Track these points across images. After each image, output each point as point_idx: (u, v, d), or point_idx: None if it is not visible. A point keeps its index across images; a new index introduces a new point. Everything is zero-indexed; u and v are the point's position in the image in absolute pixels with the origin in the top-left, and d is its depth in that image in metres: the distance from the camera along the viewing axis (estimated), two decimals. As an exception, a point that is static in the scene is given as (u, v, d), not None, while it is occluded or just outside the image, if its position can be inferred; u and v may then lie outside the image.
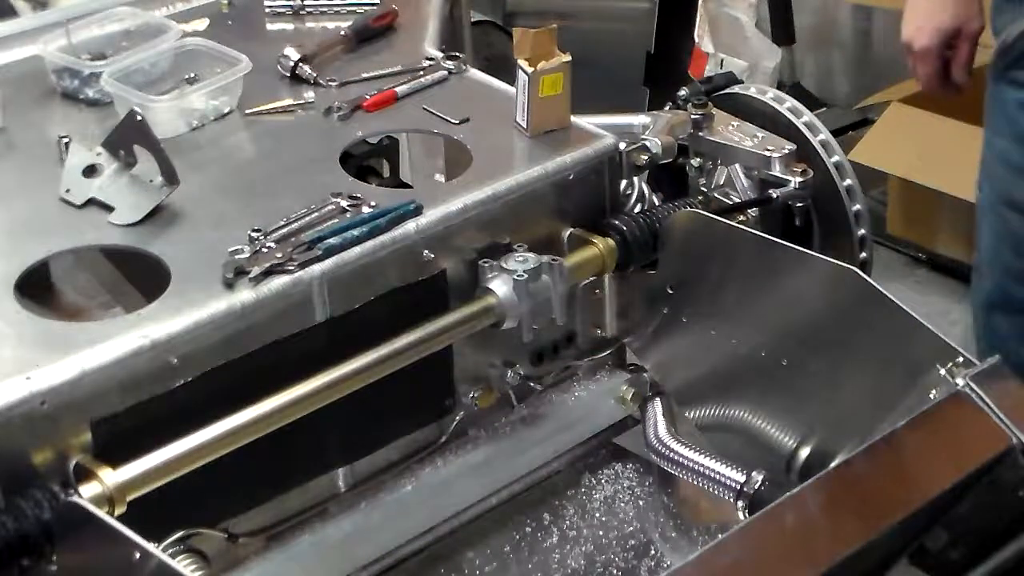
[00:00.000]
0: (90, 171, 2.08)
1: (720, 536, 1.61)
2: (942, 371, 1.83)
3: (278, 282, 1.89)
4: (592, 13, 4.71)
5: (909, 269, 3.95)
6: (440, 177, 2.64)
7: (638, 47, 4.45)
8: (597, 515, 2.21)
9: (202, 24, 2.62)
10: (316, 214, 2.01)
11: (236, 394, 1.83)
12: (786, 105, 2.48)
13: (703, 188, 2.45)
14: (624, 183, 2.29)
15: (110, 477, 1.71)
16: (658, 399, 2.31)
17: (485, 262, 2.06)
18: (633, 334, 2.33)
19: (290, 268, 1.90)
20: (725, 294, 2.15)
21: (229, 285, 1.87)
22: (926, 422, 1.77)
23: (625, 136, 2.28)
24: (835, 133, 2.49)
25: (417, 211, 2.02)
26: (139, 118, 2.05)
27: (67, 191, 2.07)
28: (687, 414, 2.28)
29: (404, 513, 2.11)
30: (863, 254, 2.45)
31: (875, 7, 4.33)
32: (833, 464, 1.93)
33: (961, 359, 1.82)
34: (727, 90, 2.54)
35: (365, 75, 2.42)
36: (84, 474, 1.72)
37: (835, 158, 2.43)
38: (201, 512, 1.90)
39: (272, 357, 1.89)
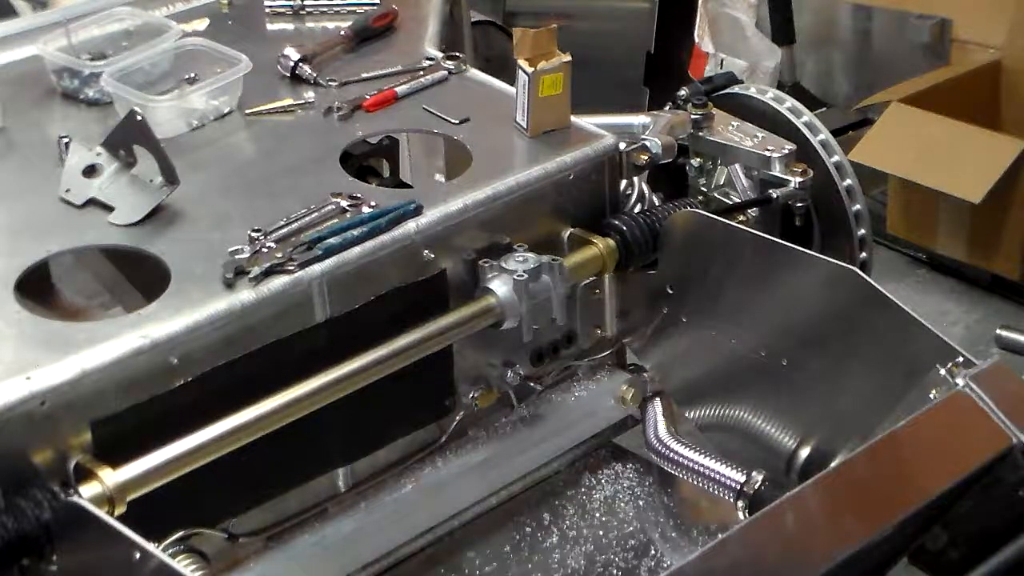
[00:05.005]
0: (90, 171, 2.08)
1: (720, 536, 1.61)
2: (942, 371, 1.83)
3: (278, 282, 1.89)
4: (592, 13, 4.71)
5: (909, 269, 3.94)
6: (440, 177, 2.64)
7: (638, 47, 4.45)
8: (597, 515, 2.21)
9: (202, 24, 2.62)
10: (316, 214, 2.01)
11: (236, 394, 1.83)
12: (786, 105, 2.48)
13: (703, 188, 2.45)
14: (624, 183, 2.29)
15: (110, 477, 1.71)
16: (658, 399, 2.31)
17: (485, 262, 2.06)
18: (633, 334, 2.33)
19: (290, 268, 1.90)
20: (725, 294, 2.15)
21: (229, 285, 1.87)
22: (926, 422, 1.77)
23: (625, 136, 2.28)
24: (835, 133, 2.49)
25: (417, 211, 2.02)
26: (139, 118, 2.05)
27: (67, 191, 2.07)
28: (687, 414, 2.28)
29: (404, 513, 2.11)
30: (863, 254, 2.45)
31: (875, 7, 4.32)
32: (833, 464, 1.94)
33: (961, 359, 1.82)
34: (727, 90, 2.54)
35: (365, 75, 2.42)
36: (84, 474, 1.72)
37: (835, 158, 2.44)
38: (201, 512, 1.90)
39: (272, 357, 1.89)
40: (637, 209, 2.30)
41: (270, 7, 2.69)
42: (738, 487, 2.07)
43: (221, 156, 2.22)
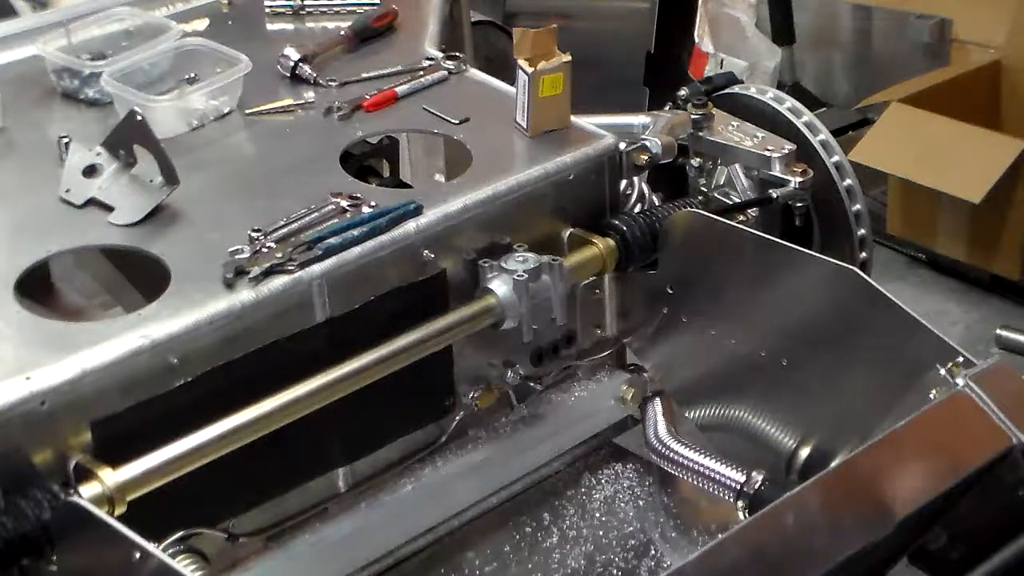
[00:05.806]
0: (90, 171, 2.08)
1: (720, 536, 1.61)
2: (942, 371, 1.83)
3: (278, 282, 1.89)
4: (592, 13, 4.72)
5: (909, 269, 3.95)
6: (440, 177, 2.64)
7: (638, 47, 4.46)
8: (597, 515, 2.21)
9: (202, 24, 2.62)
10: (316, 214, 2.01)
11: (236, 394, 1.83)
12: (786, 105, 2.48)
13: (703, 188, 2.45)
14: (624, 183, 2.29)
15: (110, 477, 1.71)
16: (658, 399, 2.31)
17: (485, 262, 2.06)
18: (633, 334, 2.33)
19: (290, 268, 1.90)
20: (725, 294, 2.15)
21: (229, 285, 1.87)
22: (926, 422, 1.77)
23: (625, 136, 2.28)
24: (835, 133, 2.49)
25: (417, 211, 2.02)
26: (139, 118, 2.05)
27: (67, 191, 2.07)
28: (687, 414, 2.28)
29: (404, 513, 2.10)
30: (863, 254, 2.45)
31: (875, 7, 4.32)
32: (833, 464, 1.94)
33: (961, 359, 1.82)
34: (727, 90, 2.54)
35: (365, 75, 2.42)
36: (84, 474, 1.72)
37: (835, 158, 2.44)
38: (201, 512, 1.90)
39: (272, 357, 1.89)
40: (637, 209, 2.30)
41: (270, 7, 2.69)
42: (738, 487, 2.07)
43: (221, 156, 2.22)
